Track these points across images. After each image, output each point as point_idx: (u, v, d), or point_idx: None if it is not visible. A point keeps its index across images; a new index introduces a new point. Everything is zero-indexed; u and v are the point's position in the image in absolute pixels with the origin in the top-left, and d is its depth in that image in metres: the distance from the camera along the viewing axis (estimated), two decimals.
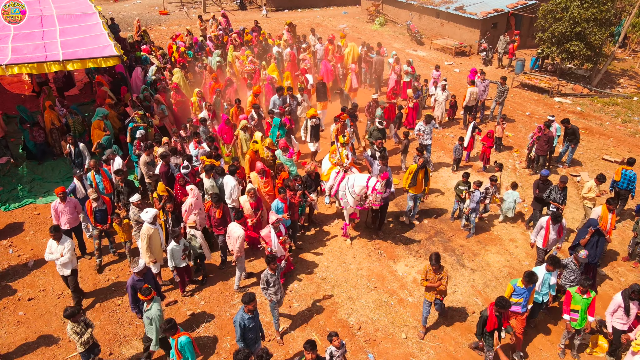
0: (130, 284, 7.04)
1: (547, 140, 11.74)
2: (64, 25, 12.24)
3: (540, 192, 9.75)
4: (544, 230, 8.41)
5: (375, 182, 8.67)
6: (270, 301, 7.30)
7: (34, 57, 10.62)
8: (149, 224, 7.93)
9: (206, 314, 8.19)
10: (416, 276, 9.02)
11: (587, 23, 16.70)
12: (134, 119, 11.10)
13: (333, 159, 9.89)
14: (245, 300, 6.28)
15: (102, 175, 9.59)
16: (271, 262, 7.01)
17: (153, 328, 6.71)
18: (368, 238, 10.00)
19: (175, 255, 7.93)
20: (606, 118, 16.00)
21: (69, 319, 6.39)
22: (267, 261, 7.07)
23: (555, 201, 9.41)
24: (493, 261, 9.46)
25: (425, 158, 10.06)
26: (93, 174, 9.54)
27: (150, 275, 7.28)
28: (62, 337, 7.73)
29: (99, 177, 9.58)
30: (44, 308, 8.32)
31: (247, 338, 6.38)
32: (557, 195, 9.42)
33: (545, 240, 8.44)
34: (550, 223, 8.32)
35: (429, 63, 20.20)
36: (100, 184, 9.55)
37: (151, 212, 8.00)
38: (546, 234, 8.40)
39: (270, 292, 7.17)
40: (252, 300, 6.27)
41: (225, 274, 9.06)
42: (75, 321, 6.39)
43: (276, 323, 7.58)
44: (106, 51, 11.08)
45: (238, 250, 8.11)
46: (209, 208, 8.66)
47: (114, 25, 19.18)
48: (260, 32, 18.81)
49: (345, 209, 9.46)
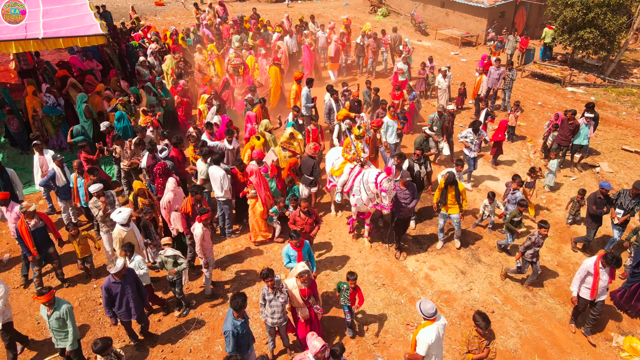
0: (106, 285, 6.11)
1: (573, 129, 10.80)
2: (48, 6, 11.46)
3: (598, 208, 8.15)
4: (592, 278, 6.48)
5: (382, 177, 7.62)
6: (265, 322, 6.22)
7: (12, 36, 9.86)
8: (120, 227, 6.88)
9: (197, 315, 7.39)
10: (428, 272, 8.22)
11: (600, 8, 15.89)
12: (116, 106, 10.29)
13: (347, 153, 8.75)
14: (235, 306, 5.36)
15: (85, 179, 8.22)
16: (268, 276, 5.77)
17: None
18: (375, 233, 9.20)
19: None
20: (622, 108, 15.20)
21: (99, 354, 5.42)
22: (263, 276, 5.81)
23: (623, 209, 7.94)
24: (511, 257, 8.66)
25: (452, 172, 8.23)
26: (75, 177, 8.33)
27: (131, 277, 6.25)
28: (36, 339, 6.93)
29: (81, 180, 8.30)
30: (17, 307, 7.51)
31: (240, 345, 5.54)
32: (627, 202, 7.93)
33: (594, 290, 6.51)
34: (601, 267, 6.43)
35: (435, 53, 19.40)
36: (80, 189, 8.31)
37: (125, 212, 6.90)
38: (595, 282, 6.46)
39: (266, 313, 6.04)
40: (242, 306, 5.38)
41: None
42: (106, 354, 5.47)
43: (271, 342, 6.46)
44: (91, 30, 10.31)
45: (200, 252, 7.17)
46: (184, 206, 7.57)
47: (106, 12, 18.44)
48: (259, 20, 18.06)
49: (357, 206, 8.41)
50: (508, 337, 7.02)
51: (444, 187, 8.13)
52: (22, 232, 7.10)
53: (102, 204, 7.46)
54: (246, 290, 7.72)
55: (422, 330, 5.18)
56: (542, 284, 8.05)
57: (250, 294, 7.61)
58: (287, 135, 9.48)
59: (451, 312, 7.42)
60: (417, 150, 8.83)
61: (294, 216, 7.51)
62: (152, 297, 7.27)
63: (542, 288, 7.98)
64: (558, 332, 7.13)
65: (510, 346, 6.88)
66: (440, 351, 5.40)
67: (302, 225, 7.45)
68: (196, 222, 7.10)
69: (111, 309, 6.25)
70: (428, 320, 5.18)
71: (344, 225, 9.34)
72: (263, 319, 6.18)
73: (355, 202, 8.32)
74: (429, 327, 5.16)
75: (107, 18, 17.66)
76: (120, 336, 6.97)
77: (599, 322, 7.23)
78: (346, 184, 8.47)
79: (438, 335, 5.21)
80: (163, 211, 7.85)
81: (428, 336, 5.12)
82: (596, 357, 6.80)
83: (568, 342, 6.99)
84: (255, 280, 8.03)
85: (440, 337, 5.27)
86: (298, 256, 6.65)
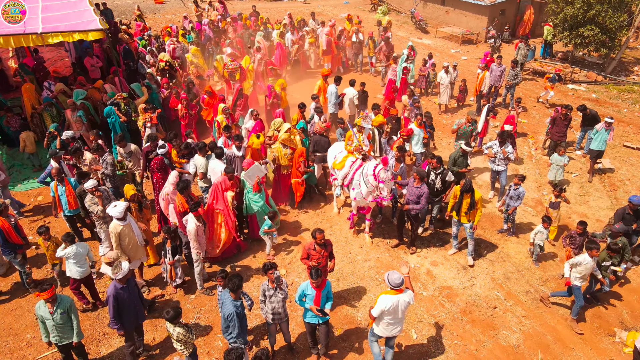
0: (114, 293, 5.68)
1: (568, 124, 10.82)
2: (47, 2, 11.40)
3: (626, 224, 7.60)
4: None
5: (379, 169, 7.56)
6: (266, 319, 6.10)
7: (11, 31, 9.79)
8: (117, 221, 6.73)
9: (196, 309, 7.33)
10: (430, 268, 8.16)
11: (601, 6, 15.84)
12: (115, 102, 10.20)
13: (349, 146, 8.73)
14: (232, 287, 5.31)
15: (66, 187, 7.85)
16: (269, 269, 5.70)
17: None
18: (376, 228, 9.14)
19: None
20: (623, 105, 15.15)
21: (171, 322, 5.40)
22: (265, 269, 5.78)
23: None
24: (514, 252, 8.59)
25: (469, 180, 7.73)
26: (55, 185, 7.82)
27: (133, 280, 6.11)
28: (35, 334, 6.86)
29: (62, 188, 7.85)
30: (15, 302, 7.45)
31: (243, 327, 5.48)
32: None
33: None
34: None
35: (435, 51, 19.34)
36: (62, 197, 7.83)
37: (120, 205, 6.72)
38: None
39: (267, 310, 5.93)
40: (239, 287, 5.35)
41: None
42: (176, 323, 5.40)
43: (272, 337, 6.34)
44: (91, 25, 10.23)
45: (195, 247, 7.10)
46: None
47: (107, 10, 18.40)
48: (259, 17, 18.00)
49: (356, 200, 8.36)
50: (511, 332, 6.97)
51: (460, 194, 7.80)
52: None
53: (99, 200, 7.39)
54: (244, 287, 7.65)
55: (383, 296, 5.47)
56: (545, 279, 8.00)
57: (250, 290, 7.56)
58: (286, 131, 9.41)
59: (453, 307, 7.36)
60: (432, 160, 8.32)
61: (308, 250, 6.61)
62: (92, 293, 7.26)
63: (544, 283, 7.92)
64: (561, 328, 7.07)
65: (513, 342, 6.82)
66: (398, 322, 5.68)
67: (317, 259, 6.56)
68: (189, 216, 6.99)
69: (119, 318, 5.85)
70: (393, 290, 5.41)
71: (345, 221, 9.28)
72: (264, 315, 6.10)
73: (355, 195, 8.26)
74: (390, 296, 5.44)
75: (107, 15, 17.63)
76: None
77: (603, 318, 7.18)
78: (346, 176, 8.43)
79: (396, 306, 5.46)
80: (162, 202, 7.80)
81: (385, 303, 5.42)
82: (599, 352, 6.74)
83: (571, 338, 6.93)
84: (251, 276, 7.97)
85: (398, 309, 5.49)
86: (316, 298, 5.77)
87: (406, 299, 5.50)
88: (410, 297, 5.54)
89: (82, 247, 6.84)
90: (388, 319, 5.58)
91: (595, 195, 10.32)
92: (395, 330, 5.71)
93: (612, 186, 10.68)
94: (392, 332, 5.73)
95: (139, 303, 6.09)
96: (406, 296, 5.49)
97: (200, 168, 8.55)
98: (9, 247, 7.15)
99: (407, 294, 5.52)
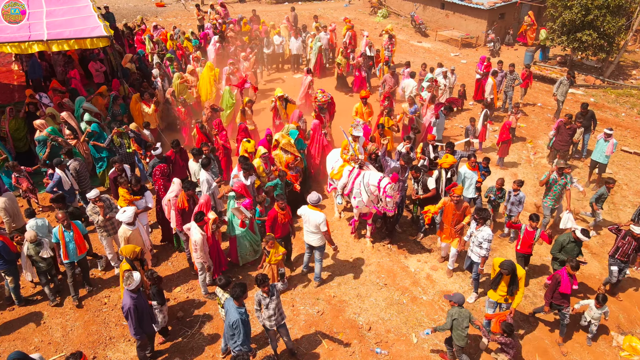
0: (131, 304, 5.72)
1: (572, 133, 10.86)
2: (51, 7, 11.52)
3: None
4: None
5: (386, 183, 7.66)
6: (264, 326, 6.24)
7: (17, 37, 9.92)
8: (126, 226, 6.92)
9: (201, 313, 7.46)
10: (430, 272, 8.30)
11: (599, 10, 15.99)
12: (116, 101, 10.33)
13: (345, 155, 8.78)
14: (236, 295, 5.44)
15: (75, 232, 7.06)
16: (263, 282, 5.77)
17: None
18: (376, 233, 9.28)
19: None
20: (621, 109, 15.30)
21: (222, 289, 6.16)
22: (258, 282, 5.80)
23: None
24: (513, 256, 8.72)
25: (510, 261, 6.34)
26: (61, 230, 6.93)
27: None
28: (43, 339, 6.97)
29: (70, 234, 7.00)
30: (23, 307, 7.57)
31: (248, 334, 5.62)
32: None
33: None
34: None
35: (435, 55, 19.51)
36: (70, 243, 7.04)
37: (129, 210, 6.93)
38: None
39: (264, 317, 6.04)
40: (243, 295, 5.52)
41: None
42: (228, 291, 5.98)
43: (273, 342, 6.47)
44: (95, 32, 10.36)
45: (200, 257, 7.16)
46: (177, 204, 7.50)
47: (109, 14, 18.46)
48: (260, 22, 18.10)
49: (358, 208, 8.47)
50: None
51: (498, 274, 6.45)
52: None
53: (101, 209, 7.49)
54: None
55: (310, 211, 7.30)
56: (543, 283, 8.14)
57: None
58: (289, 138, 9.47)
59: None
60: (411, 171, 8.54)
61: (274, 215, 7.39)
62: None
63: (542, 288, 8.06)
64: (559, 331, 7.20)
65: None
66: (313, 234, 7.41)
67: (282, 219, 7.50)
68: (193, 226, 6.98)
69: (140, 327, 5.95)
70: (312, 206, 7.26)
71: (346, 226, 9.42)
72: (261, 323, 6.18)
73: (357, 204, 8.38)
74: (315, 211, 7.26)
75: (110, 19, 17.71)
76: (125, 335, 7.03)
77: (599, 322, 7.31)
78: (346, 186, 8.55)
79: (307, 216, 7.29)
80: (165, 208, 7.91)
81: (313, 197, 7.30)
82: (596, 356, 6.88)
83: (568, 342, 7.06)
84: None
85: (311, 221, 7.23)
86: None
87: (321, 216, 7.13)
88: (319, 217, 7.12)
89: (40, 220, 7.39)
90: (307, 228, 7.39)
91: None
92: (310, 239, 7.48)
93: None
94: (309, 240, 7.50)
95: (150, 308, 6.24)
96: (318, 217, 7.11)
97: (194, 174, 8.64)
98: (6, 262, 7.08)
99: (320, 215, 7.15)
